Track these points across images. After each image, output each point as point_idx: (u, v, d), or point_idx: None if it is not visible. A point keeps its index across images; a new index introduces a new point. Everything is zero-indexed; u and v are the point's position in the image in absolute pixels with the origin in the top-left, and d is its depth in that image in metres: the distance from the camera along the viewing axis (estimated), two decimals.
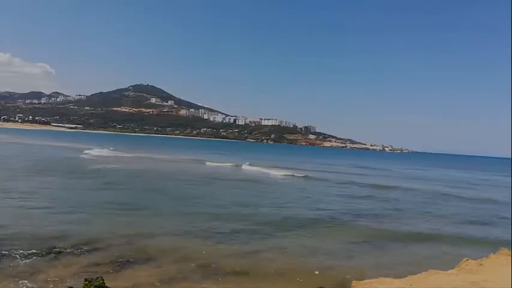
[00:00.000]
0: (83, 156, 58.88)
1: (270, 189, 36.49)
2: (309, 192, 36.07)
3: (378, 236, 19.67)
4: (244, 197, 30.57)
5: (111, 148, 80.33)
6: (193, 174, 44.94)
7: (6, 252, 13.01)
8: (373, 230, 21.18)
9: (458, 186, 51.86)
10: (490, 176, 78.86)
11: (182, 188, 32.81)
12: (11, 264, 12.09)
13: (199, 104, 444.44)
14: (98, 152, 66.00)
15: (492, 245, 15.65)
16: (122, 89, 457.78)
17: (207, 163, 62.02)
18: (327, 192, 36.91)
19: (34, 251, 13.33)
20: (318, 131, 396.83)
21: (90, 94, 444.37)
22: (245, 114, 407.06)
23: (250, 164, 61.72)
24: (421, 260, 15.72)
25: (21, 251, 13.19)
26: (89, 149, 69.69)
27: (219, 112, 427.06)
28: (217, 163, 62.18)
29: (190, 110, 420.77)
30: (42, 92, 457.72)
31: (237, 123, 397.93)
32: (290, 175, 50.74)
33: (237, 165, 60.46)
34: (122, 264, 12.90)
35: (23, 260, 12.47)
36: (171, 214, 21.52)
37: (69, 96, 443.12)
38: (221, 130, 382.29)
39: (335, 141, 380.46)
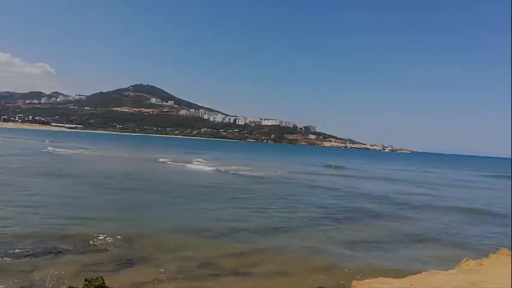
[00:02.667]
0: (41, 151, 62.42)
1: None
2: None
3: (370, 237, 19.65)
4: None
5: (79, 146, 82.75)
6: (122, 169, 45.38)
7: (6, 252, 13.03)
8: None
9: (424, 186, 48.16)
10: (473, 177, 75.33)
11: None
12: (11, 264, 12.09)
13: (199, 104, 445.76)
14: (52, 148, 68.61)
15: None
16: (122, 89, 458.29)
17: (162, 160, 60.64)
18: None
19: (34, 250, 13.36)
20: (318, 131, 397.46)
21: (90, 94, 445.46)
22: (245, 114, 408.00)
23: (202, 162, 60.42)
24: (421, 260, 15.75)
25: (21, 251, 13.22)
26: (55, 146, 73.02)
27: (219, 112, 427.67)
28: (176, 162, 59.14)
29: (190, 110, 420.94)
30: (42, 92, 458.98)
31: (237, 123, 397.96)
32: (234, 173, 49.14)
33: (186, 164, 57.48)
34: (122, 264, 12.91)
35: (23, 260, 12.47)
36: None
37: (69, 96, 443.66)
38: (221, 130, 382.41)
39: (335, 141, 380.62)
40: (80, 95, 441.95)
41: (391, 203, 32.24)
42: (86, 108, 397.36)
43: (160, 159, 62.29)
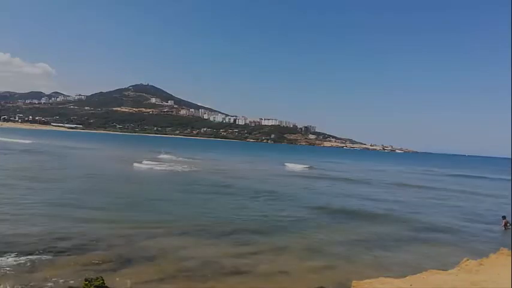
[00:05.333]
0: None
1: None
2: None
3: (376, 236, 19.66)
4: None
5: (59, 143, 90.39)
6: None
7: (7, 251, 13.02)
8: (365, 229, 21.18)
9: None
10: (442, 176, 70.48)
11: None
12: (11, 264, 12.08)
13: (199, 104, 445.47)
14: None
15: None
16: (122, 89, 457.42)
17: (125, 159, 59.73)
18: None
19: (34, 250, 13.34)
20: (318, 131, 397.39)
21: (90, 94, 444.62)
22: (245, 114, 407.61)
23: (154, 161, 58.37)
24: (421, 260, 15.74)
25: (21, 251, 13.20)
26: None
27: (219, 112, 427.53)
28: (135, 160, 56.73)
29: (190, 110, 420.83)
30: (42, 92, 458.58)
31: (237, 123, 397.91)
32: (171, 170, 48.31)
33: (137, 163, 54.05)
34: (122, 264, 12.91)
35: (23, 260, 12.45)
36: None
37: (69, 96, 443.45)
38: (221, 130, 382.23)
39: (335, 141, 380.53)
40: (80, 95, 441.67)
41: (384, 204, 32.28)
42: (86, 108, 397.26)
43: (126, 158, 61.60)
